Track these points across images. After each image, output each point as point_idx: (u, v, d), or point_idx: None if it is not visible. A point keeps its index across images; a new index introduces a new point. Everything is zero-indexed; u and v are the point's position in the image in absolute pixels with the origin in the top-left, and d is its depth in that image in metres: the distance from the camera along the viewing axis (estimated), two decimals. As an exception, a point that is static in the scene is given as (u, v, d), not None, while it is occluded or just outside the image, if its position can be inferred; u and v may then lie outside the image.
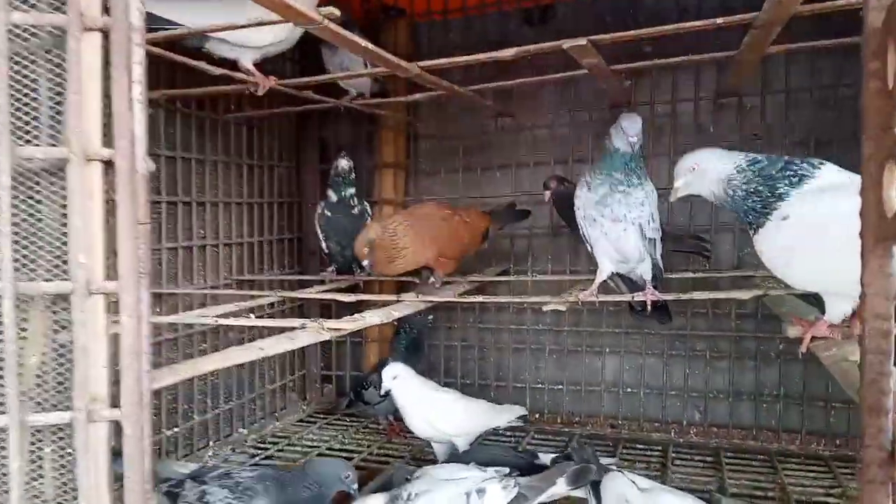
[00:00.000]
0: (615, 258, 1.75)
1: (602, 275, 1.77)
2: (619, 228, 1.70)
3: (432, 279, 2.06)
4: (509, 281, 2.58)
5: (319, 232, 2.45)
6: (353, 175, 2.44)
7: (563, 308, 1.67)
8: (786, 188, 1.16)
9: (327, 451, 2.45)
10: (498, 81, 2.22)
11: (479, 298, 1.78)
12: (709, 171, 1.31)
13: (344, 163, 2.41)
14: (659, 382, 2.61)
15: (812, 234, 1.08)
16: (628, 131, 1.67)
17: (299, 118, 2.99)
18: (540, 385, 2.77)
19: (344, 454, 2.43)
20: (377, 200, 2.88)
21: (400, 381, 2.08)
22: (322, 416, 2.86)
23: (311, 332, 1.31)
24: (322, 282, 2.42)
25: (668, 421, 2.59)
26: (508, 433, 2.62)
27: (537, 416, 2.77)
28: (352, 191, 2.41)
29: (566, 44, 1.57)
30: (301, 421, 2.85)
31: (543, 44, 1.64)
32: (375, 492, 1.86)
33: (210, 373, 2.45)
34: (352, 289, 2.43)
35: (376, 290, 2.70)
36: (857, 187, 0.94)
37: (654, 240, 1.72)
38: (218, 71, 1.75)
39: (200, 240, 2.45)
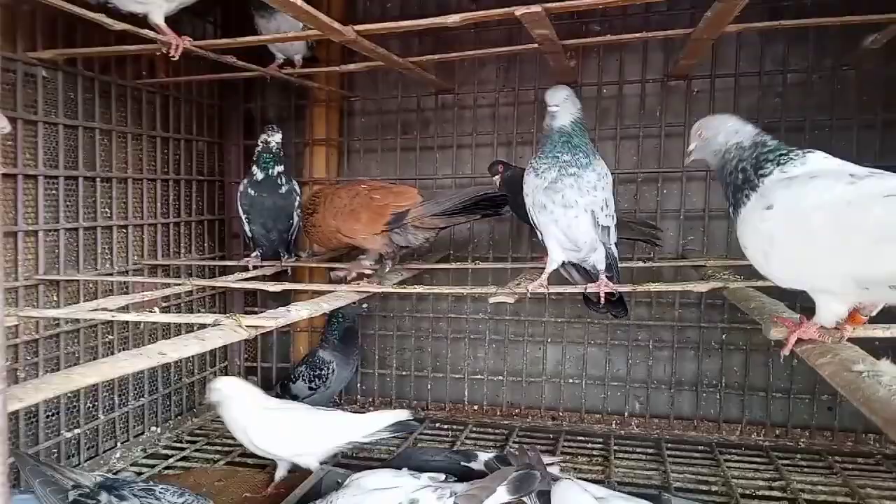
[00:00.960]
0: (566, 246, 1.62)
1: (552, 264, 1.64)
2: (570, 215, 1.57)
3: (362, 258, 1.89)
4: (449, 269, 2.44)
5: (242, 213, 2.23)
6: (281, 151, 2.23)
7: (510, 300, 1.54)
8: (770, 167, 1.08)
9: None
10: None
11: (419, 289, 1.63)
12: (711, 141, 1.23)
13: (275, 136, 2.19)
14: (601, 373, 2.54)
15: (797, 225, 0.98)
16: (548, 101, 1.58)
17: (222, 88, 2.74)
18: (479, 376, 2.65)
19: (269, 453, 2.25)
20: (307, 180, 2.67)
21: (224, 396, 1.89)
22: (246, 411, 2.65)
23: (227, 331, 1.13)
24: (246, 268, 2.21)
25: (610, 412, 2.53)
26: (445, 427, 2.50)
27: (476, 408, 2.66)
28: (280, 168, 2.20)
29: (519, 10, 1.42)
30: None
31: (493, 10, 1.49)
32: (302, 498, 1.69)
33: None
34: (279, 276, 2.23)
35: (306, 278, 2.51)
36: (846, 175, 0.94)
37: (608, 227, 1.60)
38: (119, 25, 1.52)
39: (106, 220, 2.19)
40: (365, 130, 2.73)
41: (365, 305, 2.47)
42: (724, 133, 1.19)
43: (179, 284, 1.73)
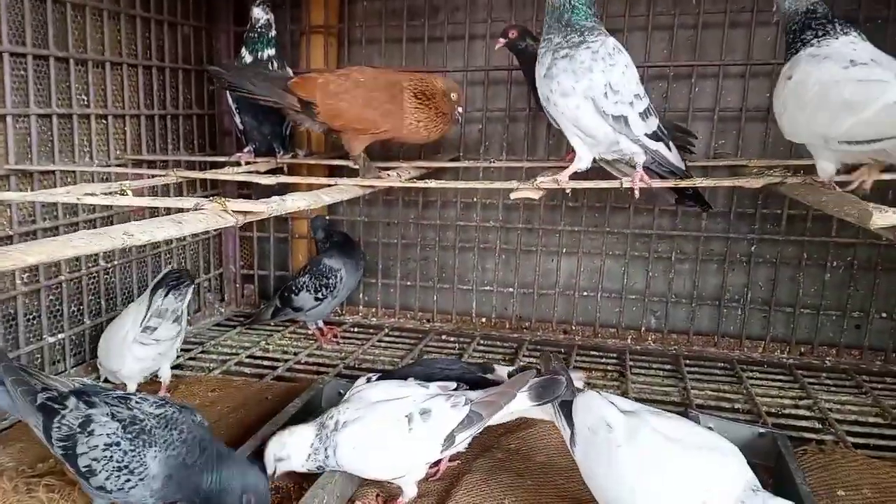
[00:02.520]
0: (587, 141, 1.42)
1: (580, 162, 1.45)
2: (571, 105, 1.36)
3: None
4: (459, 168, 2.25)
5: (231, 102, 2.01)
6: (273, 32, 1.99)
7: (535, 196, 1.36)
8: (809, 36, 1.26)
9: (246, 360, 2.14)
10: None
11: (432, 183, 1.45)
12: None
13: (260, 13, 1.96)
14: (617, 286, 2.40)
15: (801, 95, 1.22)
16: None
17: (210, -33, 2.46)
18: (488, 287, 2.51)
19: (267, 362, 2.13)
20: (305, 72, 2.43)
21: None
22: (243, 319, 2.52)
23: (209, 216, 0.95)
24: (237, 164, 2.02)
25: (625, 326, 2.40)
26: (452, 339, 2.38)
27: (484, 320, 2.53)
28: (271, 52, 1.97)
29: None
30: (218, 325, 2.51)
31: None
32: (301, 409, 1.57)
33: (104, 269, 2.07)
34: (274, 174, 2.04)
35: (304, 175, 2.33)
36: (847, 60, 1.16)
37: (623, 116, 1.37)
38: None
39: (83, 107, 1.99)
40: (367, 17, 2.47)
41: (326, 218, 2.34)
42: None
43: (162, 176, 1.54)
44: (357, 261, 2.29)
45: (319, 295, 2.20)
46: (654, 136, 1.40)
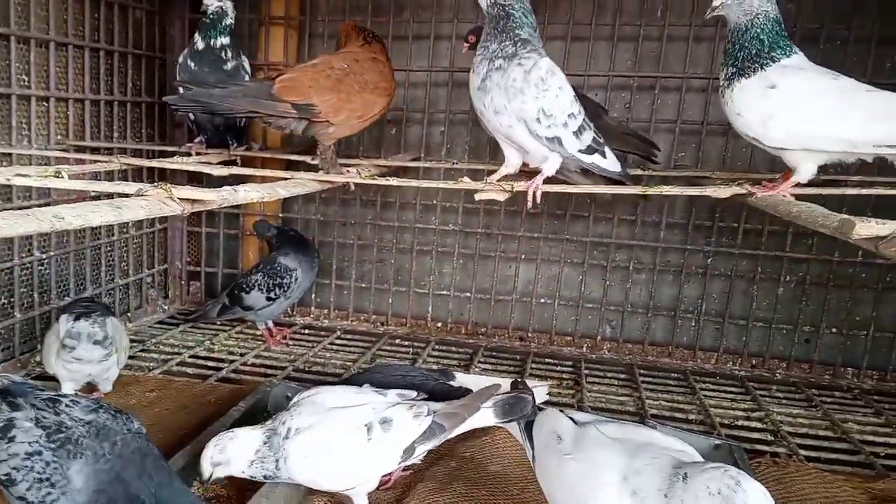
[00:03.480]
0: (521, 151, 1.41)
1: (506, 168, 1.44)
2: (505, 123, 1.32)
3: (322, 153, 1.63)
4: (420, 169, 2.20)
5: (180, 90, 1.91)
6: (229, 20, 1.91)
7: (501, 198, 1.32)
8: (778, 53, 1.30)
9: (189, 360, 2.04)
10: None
11: (394, 181, 1.39)
12: (745, 2, 1.31)
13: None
14: (574, 294, 2.38)
15: (804, 102, 1.26)
16: None
17: (165, -51, 2.36)
18: (444, 292, 2.46)
19: (212, 362, 2.04)
20: (262, 64, 2.36)
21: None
22: (187, 317, 2.41)
23: (152, 202, 0.88)
24: (189, 156, 1.92)
25: (581, 335, 2.38)
26: (406, 344, 2.33)
27: (439, 325, 2.48)
28: (225, 40, 1.89)
29: None
30: (161, 323, 2.40)
31: None
32: (246, 413, 1.49)
33: (38, 261, 1.95)
34: (227, 165, 1.95)
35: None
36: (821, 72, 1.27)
37: (558, 138, 1.34)
38: None
39: (23, 88, 1.87)
40: (331, 11, 2.40)
41: (274, 229, 2.24)
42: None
43: (105, 162, 1.44)
44: (312, 260, 2.21)
45: (272, 295, 2.11)
46: (589, 150, 1.38)
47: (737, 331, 2.29)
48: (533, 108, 1.30)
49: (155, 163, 1.55)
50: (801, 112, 1.25)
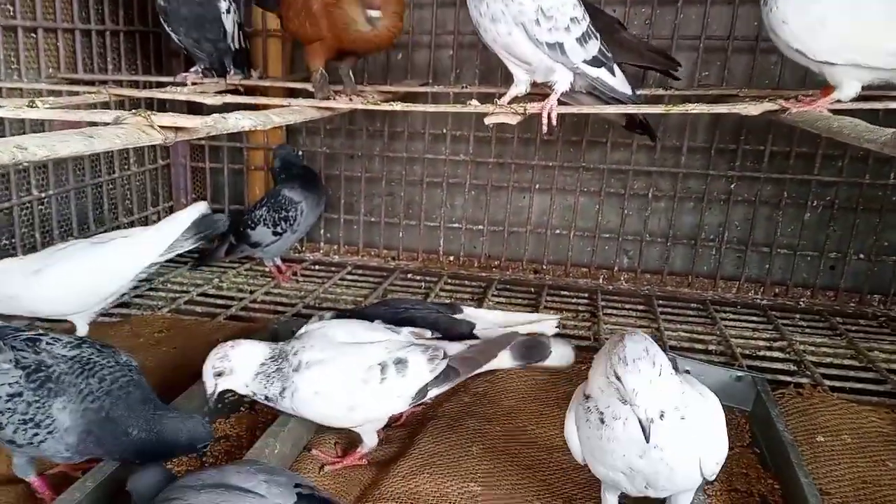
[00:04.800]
0: (525, 66, 1.30)
1: (516, 87, 1.33)
2: (503, 31, 1.23)
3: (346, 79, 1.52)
4: (428, 93, 2.09)
5: (162, 22, 1.80)
6: None
7: (512, 121, 1.22)
8: None
9: (198, 298, 2.01)
10: None
11: (398, 106, 1.30)
12: None
13: None
14: (590, 224, 2.30)
15: (857, 8, 1.13)
16: None
17: None
18: (456, 225, 2.39)
19: (221, 300, 2.01)
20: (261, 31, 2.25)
21: None
22: (195, 255, 2.37)
23: (129, 130, 0.81)
24: (184, 86, 1.83)
25: (597, 266, 2.32)
26: (418, 278, 2.28)
27: (451, 259, 2.42)
28: None
29: None
30: (169, 262, 2.33)
31: None
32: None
33: (37, 200, 1.90)
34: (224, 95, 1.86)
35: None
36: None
37: (560, 43, 1.24)
38: None
39: (8, 18, 1.77)
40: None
41: (300, 154, 2.15)
42: None
43: (92, 94, 1.36)
44: (319, 194, 2.14)
45: (278, 229, 2.05)
46: (595, 62, 1.27)
47: (759, 259, 2.21)
48: (531, 8, 1.20)
49: (145, 92, 1.47)
50: (856, 18, 1.12)
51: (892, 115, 1.31)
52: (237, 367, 1.12)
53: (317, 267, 2.36)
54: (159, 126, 0.86)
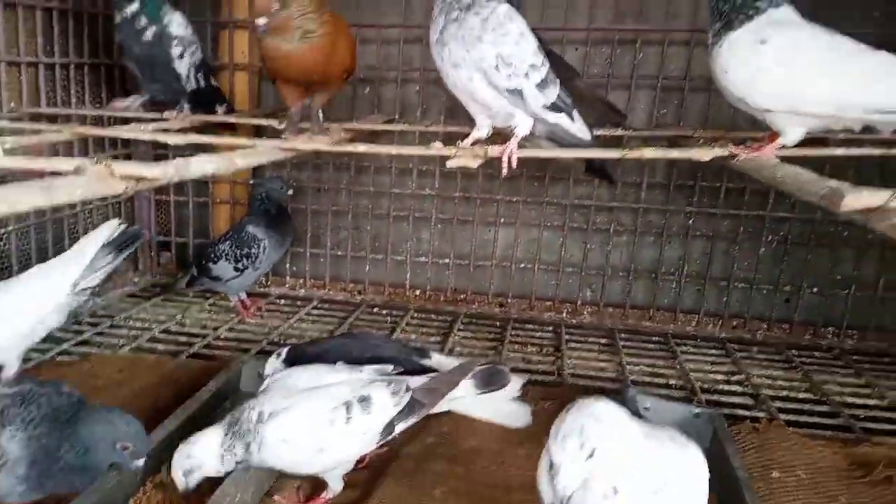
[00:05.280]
0: (485, 111, 1.33)
1: (478, 131, 1.36)
2: (464, 77, 1.25)
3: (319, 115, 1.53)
4: (394, 131, 2.11)
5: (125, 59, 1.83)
6: None
7: (473, 165, 1.25)
8: (764, 3, 1.21)
9: (160, 335, 1.98)
10: None
11: (362, 147, 1.32)
12: None
13: None
14: (554, 258, 2.34)
15: (794, 60, 1.17)
16: None
17: None
18: (422, 258, 2.41)
19: (183, 337, 1.98)
20: (226, 21, 2.25)
21: None
22: (159, 289, 2.34)
23: (90, 181, 0.81)
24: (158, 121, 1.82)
25: (561, 300, 2.35)
26: (384, 312, 2.28)
27: (418, 293, 2.43)
28: (134, 6, 1.69)
29: None
30: (132, 296, 2.32)
31: None
32: (215, 394, 1.45)
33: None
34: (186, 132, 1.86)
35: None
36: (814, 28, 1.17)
37: (519, 90, 1.26)
38: None
39: (-32, 53, 1.76)
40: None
41: (290, 192, 2.13)
42: None
43: (55, 132, 1.35)
44: (285, 233, 2.13)
45: (240, 265, 2.04)
46: (554, 108, 1.30)
47: (717, 292, 2.27)
48: (491, 55, 1.22)
49: (108, 131, 1.46)
50: (791, 70, 1.16)
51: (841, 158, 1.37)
52: (203, 460, 1.12)
53: (282, 301, 2.35)
54: (120, 175, 0.86)
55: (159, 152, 2.32)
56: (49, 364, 1.73)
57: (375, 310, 2.30)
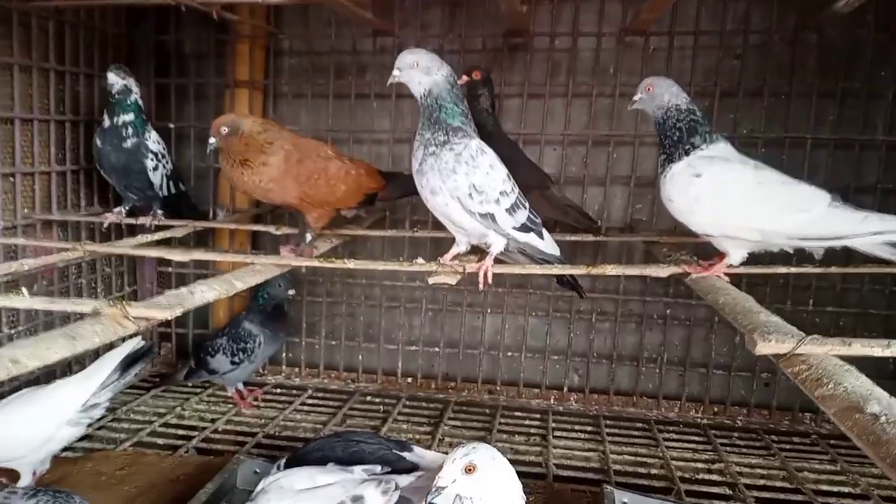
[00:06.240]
0: (462, 230, 1.47)
1: (457, 247, 1.52)
2: (441, 202, 1.40)
3: (308, 235, 1.66)
4: (384, 236, 2.24)
5: (95, 163, 2.01)
6: (134, 96, 1.93)
7: (452, 282, 1.37)
8: (698, 141, 1.36)
9: (160, 429, 2.05)
10: (379, -9, 1.81)
11: (350, 264, 1.43)
12: (657, 97, 1.42)
13: (114, 78, 1.90)
14: (540, 344, 2.43)
15: (721, 192, 1.31)
16: (398, 63, 1.40)
17: (130, 17, 2.41)
18: (414, 346, 2.50)
19: (182, 430, 2.05)
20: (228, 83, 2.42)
21: None
22: (158, 381, 2.42)
23: (107, 326, 0.92)
24: (150, 228, 1.95)
25: (548, 386, 2.43)
26: (377, 401, 2.35)
27: (410, 380, 2.51)
28: (128, 117, 1.91)
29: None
30: (131, 388, 2.39)
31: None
32: (213, 495, 1.51)
33: (7, 336, 1.96)
34: (200, 238, 1.99)
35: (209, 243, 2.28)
36: (745, 163, 1.33)
37: (491, 214, 1.39)
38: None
39: (-10, 166, 1.90)
40: (294, 73, 2.46)
41: (291, 291, 2.24)
42: (668, 94, 1.41)
43: (70, 250, 1.47)
44: (278, 330, 2.24)
45: (236, 359, 2.15)
46: (524, 228, 1.44)
47: (698, 378, 2.35)
48: (465, 185, 1.36)
49: (118, 249, 1.58)
50: (721, 201, 1.29)
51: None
52: None
53: (278, 390, 2.42)
54: (134, 317, 0.96)
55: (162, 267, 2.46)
56: (54, 461, 1.80)
57: (368, 398, 2.37)
